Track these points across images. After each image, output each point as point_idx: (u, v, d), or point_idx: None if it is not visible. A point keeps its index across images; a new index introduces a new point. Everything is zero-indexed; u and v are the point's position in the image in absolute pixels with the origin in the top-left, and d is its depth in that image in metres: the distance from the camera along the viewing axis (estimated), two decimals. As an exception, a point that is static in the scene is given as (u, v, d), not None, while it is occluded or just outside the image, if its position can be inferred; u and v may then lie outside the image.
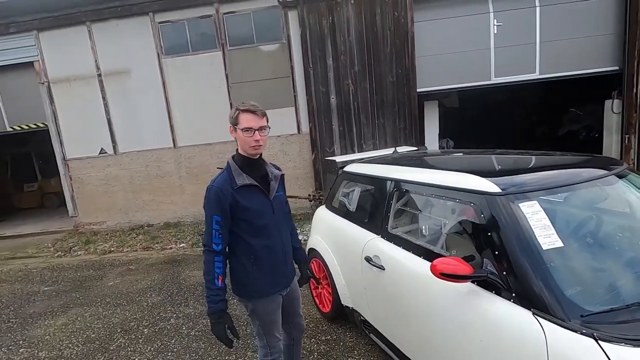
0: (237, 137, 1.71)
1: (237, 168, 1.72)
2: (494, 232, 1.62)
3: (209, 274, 1.68)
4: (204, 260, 1.70)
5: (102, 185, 7.50)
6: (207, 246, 1.69)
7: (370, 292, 2.41)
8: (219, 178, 1.71)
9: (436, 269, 1.60)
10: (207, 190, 1.70)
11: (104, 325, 3.56)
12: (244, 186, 1.69)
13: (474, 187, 1.78)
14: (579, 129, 11.21)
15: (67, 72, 7.16)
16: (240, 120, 1.67)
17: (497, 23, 6.55)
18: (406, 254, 2.08)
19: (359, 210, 2.75)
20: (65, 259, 6.02)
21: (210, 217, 1.66)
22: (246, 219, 1.71)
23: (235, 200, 1.67)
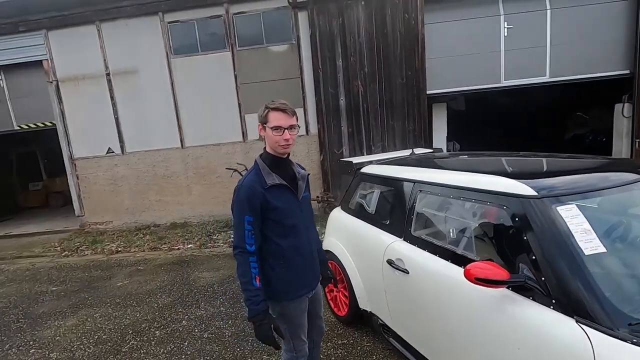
0: (266, 136, 1.68)
1: (266, 167, 1.68)
2: (530, 237, 1.58)
3: (245, 276, 1.62)
4: (238, 263, 1.64)
5: (109, 185, 7.48)
6: (239, 248, 1.63)
7: (392, 295, 2.37)
8: (248, 178, 1.67)
9: (471, 274, 1.56)
10: (236, 190, 1.66)
11: (115, 326, 3.52)
12: (274, 186, 1.66)
13: (506, 189, 1.73)
14: (585, 133, 11.16)
15: (75, 71, 7.15)
16: (269, 118, 1.64)
17: (507, 26, 6.52)
18: (432, 257, 2.04)
19: (379, 213, 2.71)
20: (72, 258, 5.99)
21: (242, 217, 1.62)
22: (276, 219, 1.67)
23: (266, 200, 1.63)
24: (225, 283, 4.30)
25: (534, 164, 2.19)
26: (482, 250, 1.84)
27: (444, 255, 1.98)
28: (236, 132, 7.09)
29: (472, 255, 1.84)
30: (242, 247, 1.62)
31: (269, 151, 1.71)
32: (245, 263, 1.62)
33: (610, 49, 6.46)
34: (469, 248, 1.89)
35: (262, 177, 1.65)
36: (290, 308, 1.77)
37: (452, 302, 1.85)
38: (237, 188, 1.66)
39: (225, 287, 4.18)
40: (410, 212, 2.31)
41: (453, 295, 1.84)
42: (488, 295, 1.65)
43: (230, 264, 4.92)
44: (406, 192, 2.41)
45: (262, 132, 1.70)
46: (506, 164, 2.31)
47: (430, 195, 2.22)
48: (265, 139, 1.71)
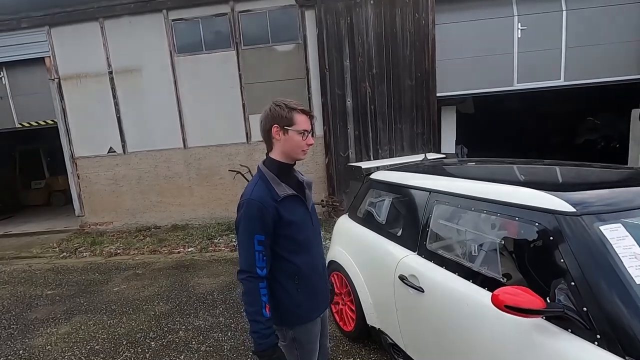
0: (286, 140, 1.45)
1: (274, 177, 1.46)
2: (568, 259, 1.38)
3: (254, 304, 1.39)
4: (245, 290, 1.41)
5: (109, 185, 7.35)
6: (248, 272, 1.39)
7: (404, 315, 2.18)
8: (256, 190, 1.42)
9: (499, 300, 1.37)
10: (244, 205, 1.41)
11: (108, 335, 3.35)
12: (286, 197, 1.45)
13: (538, 203, 1.55)
14: (597, 139, 10.90)
15: (77, 69, 7.04)
16: (297, 120, 1.44)
17: (521, 27, 6.31)
18: (451, 276, 1.85)
19: (390, 223, 2.52)
20: (70, 260, 5.85)
21: (251, 236, 1.38)
22: (288, 234, 1.46)
23: (279, 215, 1.42)
24: (226, 290, 4.13)
25: (564, 174, 1.99)
26: (509, 271, 1.65)
27: (465, 274, 1.79)
28: (240, 133, 6.93)
29: (498, 276, 1.65)
30: (252, 272, 1.39)
31: (278, 158, 1.49)
32: (254, 290, 1.39)
33: (628, 52, 6.23)
34: (494, 268, 1.69)
35: (272, 189, 1.43)
36: (304, 333, 1.57)
37: (475, 328, 1.66)
38: (244, 203, 1.41)
39: (225, 295, 4.00)
40: (426, 224, 2.13)
41: (475, 321, 1.65)
42: (518, 324, 1.45)
43: (231, 270, 4.75)
44: (420, 202, 2.22)
45: (279, 135, 1.45)
46: (533, 173, 2.11)
47: (448, 206, 2.03)
48: (277, 143, 1.47)
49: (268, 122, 1.45)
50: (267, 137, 1.49)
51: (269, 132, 1.46)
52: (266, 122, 1.46)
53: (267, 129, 1.46)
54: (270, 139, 1.48)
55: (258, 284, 1.40)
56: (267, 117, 1.46)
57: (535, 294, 1.36)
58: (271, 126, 1.45)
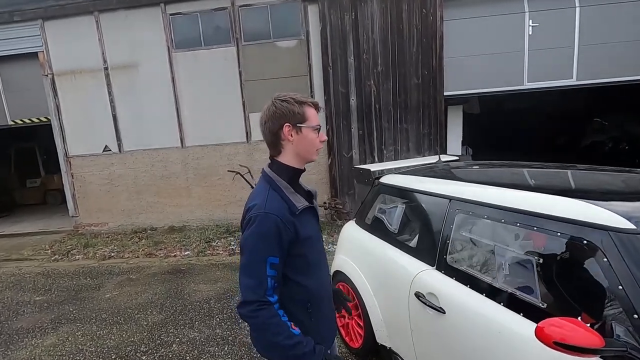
0: (301, 140, 1.22)
1: (287, 186, 1.22)
2: (628, 287, 1.16)
3: (281, 332, 1.14)
4: (261, 323, 1.14)
5: (104, 185, 7.12)
6: (257, 301, 1.13)
7: (421, 336, 1.95)
8: (270, 202, 1.17)
9: (546, 336, 1.15)
10: (258, 220, 1.14)
11: (97, 348, 3.13)
12: (303, 210, 1.22)
13: (588, 218, 1.32)
14: (604, 140, 10.68)
15: (72, 65, 6.80)
16: (309, 116, 1.22)
17: (532, 24, 6.07)
18: (479, 297, 1.62)
19: (404, 232, 2.29)
20: (62, 263, 5.62)
21: (263, 259, 1.13)
22: (302, 253, 1.22)
23: (296, 232, 1.18)
24: (223, 299, 3.90)
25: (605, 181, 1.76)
26: (550, 295, 1.42)
27: (495, 296, 1.56)
28: (239, 132, 6.70)
29: (536, 301, 1.42)
30: (263, 300, 1.13)
31: (289, 162, 1.25)
32: (272, 318, 1.14)
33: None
34: (531, 291, 1.46)
35: (289, 200, 1.20)
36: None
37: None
38: (256, 217, 1.14)
39: (222, 304, 3.78)
40: (446, 236, 1.90)
41: (508, 353, 1.42)
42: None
43: (228, 276, 4.52)
44: (439, 210, 1.99)
45: (291, 136, 1.22)
46: (568, 180, 1.88)
47: (473, 216, 1.80)
48: (288, 144, 1.23)
49: (276, 122, 1.20)
50: (274, 139, 1.23)
51: (278, 134, 1.22)
52: (273, 122, 1.21)
53: (276, 129, 1.21)
54: (278, 141, 1.23)
55: (271, 309, 1.14)
56: (273, 115, 1.21)
57: (589, 329, 1.13)
58: (281, 126, 1.20)
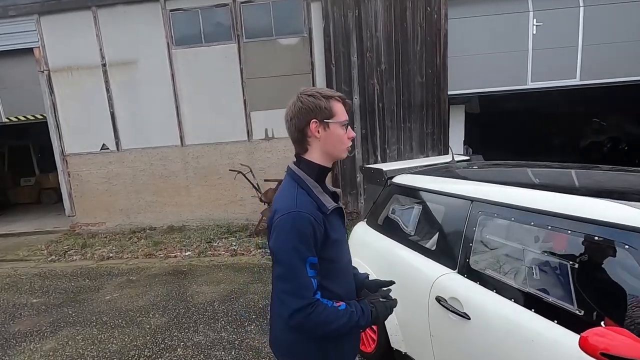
0: (328, 136, 1.15)
1: (316, 184, 1.16)
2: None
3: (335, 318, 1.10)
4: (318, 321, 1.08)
5: (102, 184, 6.98)
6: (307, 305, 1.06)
7: (442, 343, 1.89)
8: (300, 201, 1.11)
9: (591, 346, 1.09)
10: (292, 219, 1.07)
11: (99, 353, 3.03)
12: (332, 211, 1.16)
13: (632, 222, 1.25)
14: (602, 141, 10.74)
15: (69, 61, 6.66)
16: (337, 111, 1.15)
17: (536, 23, 6.04)
18: (507, 303, 1.56)
19: (421, 234, 2.23)
20: (59, 264, 5.49)
21: (303, 260, 1.07)
22: (332, 256, 1.17)
23: (327, 232, 1.12)
24: (227, 301, 3.82)
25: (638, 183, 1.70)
26: (587, 302, 1.36)
27: (525, 302, 1.50)
28: (240, 131, 6.60)
29: (572, 308, 1.36)
30: (311, 300, 1.07)
31: (317, 160, 1.18)
32: (324, 311, 1.08)
33: (647, 51, 5.99)
34: (566, 297, 1.40)
35: (318, 199, 1.14)
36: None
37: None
38: (288, 217, 1.08)
39: (227, 306, 3.69)
40: (468, 238, 1.83)
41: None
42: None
43: (231, 278, 4.44)
44: (460, 212, 1.92)
45: (318, 133, 1.15)
46: (599, 181, 1.82)
47: (499, 219, 1.74)
48: (315, 141, 1.17)
49: (303, 118, 1.14)
50: (300, 136, 1.17)
51: (304, 130, 1.15)
52: (300, 118, 1.14)
53: (302, 126, 1.14)
54: (305, 139, 1.17)
55: (321, 303, 1.09)
56: (300, 111, 1.14)
57: (638, 338, 1.07)
58: (308, 122, 1.13)
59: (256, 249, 5.33)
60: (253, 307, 3.63)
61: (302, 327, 1.10)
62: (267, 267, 4.69)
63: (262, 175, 6.38)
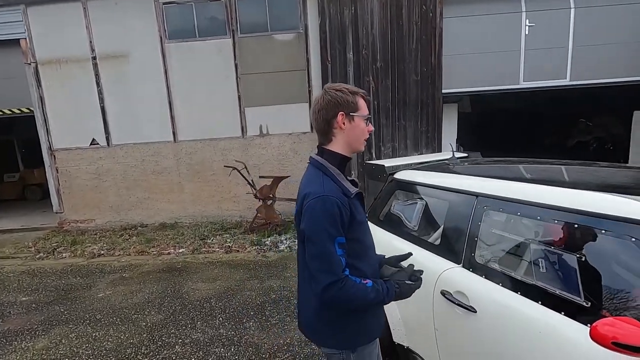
0: (353, 128, 1.28)
1: (339, 172, 1.28)
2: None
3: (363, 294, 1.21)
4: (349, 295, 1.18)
5: (92, 180, 6.83)
6: (337, 281, 1.16)
7: (447, 336, 1.91)
8: (327, 186, 1.21)
9: (602, 336, 1.11)
10: (321, 202, 1.17)
11: (94, 351, 2.97)
12: (355, 195, 1.27)
13: (637, 215, 1.29)
14: (589, 140, 11.01)
15: (57, 53, 6.48)
16: (361, 105, 1.28)
17: (529, 23, 6.14)
18: (514, 296, 1.58)
19: (424, 229, 2.25)
20: (48, 261, 5.36)
21: (332, 241, 1.16)
22: (358, 237, 1.27)
23: (352, 214, 1.22)
24: (224, 297, 3.79)
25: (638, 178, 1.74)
26: (594, 294, 1.39)
27: (532, 294, 1.52)
28: (235, 127, 6.54)
29: (579, 300, 1.39)
30: (341, 277, 1.17)
31: (339, 150, 1.30)
32: (353, 287, 1.19)
33: (633, 53, 6.15)
34: (573, 289, 1.43)
35: (342, 185, 1.25)
36: (365, 356, 1.36)
37: None
38: (318, 201, 1.18)
39: (224, 303, 3.66)
40: (473, 233, 1.85)
41: (553, 352, 1.39)
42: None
43: (227, 274, 4.40)
44: (465, 207, 1.94)
45: (343, 125, 1.27)
46: (601, 177, 1.86)
47: (504, 213, 1.76)
48: (340, 133, 1.29)
49: (331, 110, 1.26)
50: (326, 127, 1.29)
51: (331, 122, 1.27)
52: (328, 110, 1.26)
53: (329, 117, 1.27)
54: (330, 130, 1.29)
55: (349, 280, 1.19)
56: (328, 104, 1.26)
57: (648, 328, 1.10)
58: (335, 114, 1.26)
59: (251, 246, 5.30)
60: (251, 304, 3.61)
61: (333, 301, 1.20)
62: (263, 264, 4.67)
63: (257, 171, 6.35)
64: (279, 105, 6.38)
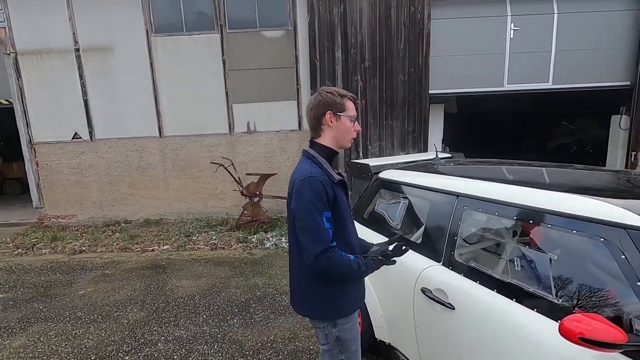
0: (339, 126, 1.50)
1: (326, 162, 1.49)
2: (648, 283, 1.19)
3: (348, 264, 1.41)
4: (336, 262, 1.38)
5: (74, 175, 6.68)
6: (326, 250, 1.35)
7: (426, 333, 1.96)
8: (314, 170, 1.42)
9: (570, 331, 1.16)
10: (308, 183, 1.38)
11: (73, 349, 2.92)
12: (338, 182, 1.48)
13: (608, 217, 1.35)
14: (570, 143, 11.31)
15: (38, 44, 6.30)
16: (348, 107, 1.50)
17: (514, 27, 6.27)
18: (490, 293, 1.63)
19: (406, 228, 2.29)
20: (27, 257, 5.22)
21: (319, 214, 1.36)
22: (339, 219, 1.47)
23: (335, 195, 1.43)
24: (208, 295, 3.77)
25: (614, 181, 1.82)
26: (566, 292, 1.45)
27: (507, 292, 1.57)
28: (222, 123, 6.48)
29: (551, 297, 1.45)
30: (330, 246, 1.37)
31: (327, 144, 1.52)
32: (340, 257, 1.40)
33: (613, 59, 6.35)
34: (546, 287, 1.49)
35: (327, 172, 1.46)
36: (347, 330, 1.55)
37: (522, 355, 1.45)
38: (305, 181, 1.38)
39: (208, 300, 3.65)
40: (453, 232, 1.90)
41: (526, 348, 1.44)
42: (587, 358, 1.25)
43: (212, 272, 4.38)
44: (446, 207, 1.99)
45: (331, 122, 1.49)
46: (577, 179, 1.93)
47: (483, 213, 1.81)
48: (328, 129, 1.51)
49: (320, 109, 1.47)
50: (316, 123, 1.51)
51: (320, 119, 1.49)
52: (318, 109, 1.48)
53: (319, 115, 1.48)
54: (319, 126, 1.50)
55: (337, 250, 1.39)
56: (319, 103, 1.48)
57: (613, 324, 1.16)
58: (324, 113, 1.47)
59: (237, 243, 5.28)
60: (235, 301, 3.60)
61: (325, 268, 1.37)
62: (248, 262, 4.66)
63: (244, 169, 6.32)
64: (267, 103, 6.35)
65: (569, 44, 6.29)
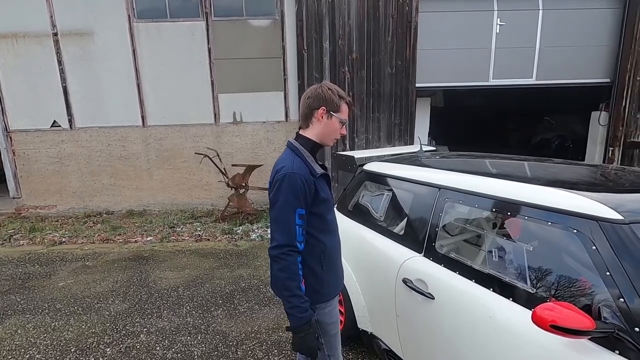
0: (328, 124, 1.51)
1: (309, 154, 1.50)
2: (616, 275, 1.24)
3: (293, 279, 1.38)
4: (285, 265, 1.37)
5: (53, 164, 6.49)
6: (288, 246, 1.37)
7: (407, 322, 1.99)
8: (295, 164, 1.42)
9: (542, 319, 1.21)
10: (287, 178, 1.38)
11: (53, 341, 2.87)
12: (320, 176, 1.49)
13: (580, 209, 1.39)
14: (551, 138, 11.58)
15: (13, 27, 6.03)
16: (342, 109, 1.51)
17: (500, 22, 6.33)
18: (468, 284, 1.67)
19: (389, 220, 2.31)
20: (3, 249, 5.08)
21: (293, 210, 1.38)
22: (320, 212, 1.49)
23: (316, 191, 1.45)
24: (192, 286, 3.75)
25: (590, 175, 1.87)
26: (540, 281, 1.49)
27: (485, 282, 1.61)
28: (207, 113, 6.38)
29: (526, 287, 1.49)
30: (292, 246, 1.38)
31: (313, 138, 1.52)
32: (293, 264, 1.38)
33: (594, 56, 6.49)
34: (521, 277, 1.53)
35: (310, 165, 1.47)
36: (326, 314, 1.57)
37: (497, 343, 1.49)
38: (284, 176, 1.39)
39: (192, 292, 3.63)
40: (434, 224, 1.93)
41: (498, 336, 1.49)
42: (557, 344, 1.30)
43: (196, 263, 4.35)
44: (428, 199, 2.02)
45: (322, 119, 1.50)
46: (555, 172, 1.98)
47: (463, 205, 1.84)
48: (317, 123, 1.51)
49: (317, 102, 1.47)
50: (308, 114, 1.50)
51: (313, 111, 1.49)
52: (314, 101, 1.48)
53: (314, 107, 1.48)
54: (310, 118, 1.50)
55: (297, 257, 1.40)
56: (317, 96, 1.47)
57: (581, 312, 1.21)
58: (319, 106, 1.47)
59: (222, 235, 5.25)
60: (219, 293, 3.59)
61: (277, 260, 1.37)
62: (233, 253, 4.65)
63: (230, 159, 6.25)
64: (254, 93, 6.28)
65: (552, 40, 6.40)
